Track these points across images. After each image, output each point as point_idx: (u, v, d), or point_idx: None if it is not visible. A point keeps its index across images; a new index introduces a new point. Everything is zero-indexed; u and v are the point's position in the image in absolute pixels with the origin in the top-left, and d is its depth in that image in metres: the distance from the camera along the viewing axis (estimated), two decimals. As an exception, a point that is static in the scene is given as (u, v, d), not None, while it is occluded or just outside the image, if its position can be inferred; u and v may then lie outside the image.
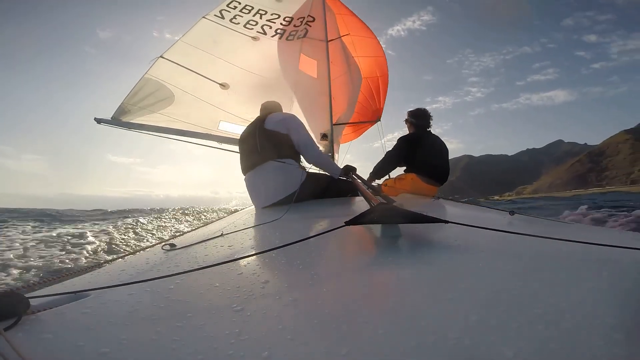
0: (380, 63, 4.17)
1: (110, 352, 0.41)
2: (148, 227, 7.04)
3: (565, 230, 1.17)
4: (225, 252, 0.98)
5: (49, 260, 3.63)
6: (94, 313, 0.56)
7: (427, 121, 3.11)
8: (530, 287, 0.55)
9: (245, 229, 1.33)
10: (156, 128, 3.32)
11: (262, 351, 0.39)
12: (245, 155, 2.27)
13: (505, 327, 0.41)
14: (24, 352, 0.40)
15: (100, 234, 5.66)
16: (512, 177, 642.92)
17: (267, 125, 2.17)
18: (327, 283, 0.64)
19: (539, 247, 0.77)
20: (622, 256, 0.68)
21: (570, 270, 0.63)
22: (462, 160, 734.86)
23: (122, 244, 5.10)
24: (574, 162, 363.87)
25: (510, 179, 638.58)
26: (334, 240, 0.94)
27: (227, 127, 3.54)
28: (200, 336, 0.44)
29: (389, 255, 0.77)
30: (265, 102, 2.56)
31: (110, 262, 1.03)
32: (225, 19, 3.47)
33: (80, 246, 4.44)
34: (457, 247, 0.80)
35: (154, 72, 3.30)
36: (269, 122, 2.18)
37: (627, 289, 0.53)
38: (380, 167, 3.15)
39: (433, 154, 2.97)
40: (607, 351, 0.36)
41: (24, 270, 3.04)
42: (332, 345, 0.40)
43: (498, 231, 0.83)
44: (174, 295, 0.61)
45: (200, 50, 3.42)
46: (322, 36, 3.65)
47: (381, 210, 0.94)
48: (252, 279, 0.67)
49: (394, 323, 0.45)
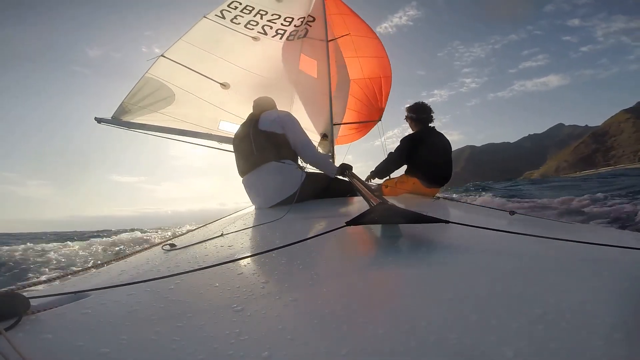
0: (383, 64, 4.18)
1: (110, 352, 0.41)
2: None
3: (565, 230, 1.17)
4: (225, 252, 0.98)
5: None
6: (94, 313, 0.56)
7: (428, 114, 3.02)
8: (531, 287, 0.54)
9: (245, 229, 1.33)
10: (156, 127, 3.32)
11: (262, 351, 0.39)
12: (242, 157, 2.21)
13: (506, 327, 0.41)
14: (24, 352, 0.40)
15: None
16: (517, 164, 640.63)
17: (262, 126, 2.10)
18: (327, 283, 0.64)
19: (539, 247, 0.77)
20: (622, 256, 0.68)
21: (570, 270, 0.63)
22: (465, 151, 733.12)
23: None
24: (578, 144, 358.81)
25: (516, 166, 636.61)
26: (335, 241, 0.94)
27: (228, 126, 3.54)
28: (200, 336, 0.44)
29: (389, 256, 0.77)
30: (257, 99, 2.43)
31: (110, 262, 1.03)
32: (226, 19, 3.47)
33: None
34: (458, 247, 0.80)
35: (154, 71, 3.29)
36: (263, 122, 2.12)
37: (627, 289, 0.53)
38: (383, 168, 3.11)
39: (436, 152, 2.90)
40: (607, 351, 0.36)
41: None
42: (332, 345, 0.40)
43: (498, 231, 0.83)
44: (174, 295, 0.61)
45: (201, 49, 3.42)
46: (322, 36, 3.65)
47: (382, 210, 0.94)
48: (252, 279, 0.67)
49: (394, 323, 0.45)
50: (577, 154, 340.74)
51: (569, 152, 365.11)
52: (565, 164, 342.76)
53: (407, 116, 3.10)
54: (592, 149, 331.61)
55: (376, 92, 4.22)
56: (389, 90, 4.22)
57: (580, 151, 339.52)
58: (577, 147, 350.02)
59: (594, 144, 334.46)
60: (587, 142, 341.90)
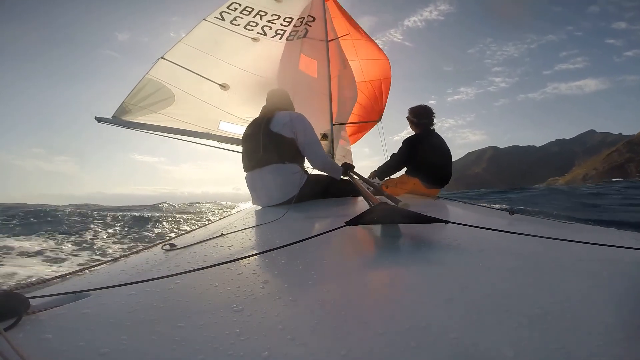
0: (383, 66, 4.22)
1: (110, 352, 0.41)
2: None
3: (565, 230, 1.17)
4: (225, 252, 0.98)
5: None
6: (94, 313, 0.56)
7: (430, 119, 3.03)
8: (530, 287, 0.54)
9: (245, 229, 1.33)
10: (157, 127, 3.33)
11: (262, 351, 0.39)
12: (248, 153, 2.22)
13: (506, 327, 0.41)
14: (24, 352, 0.40)
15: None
16: (541, 168, 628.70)
17: (273, 127, 2.09)
18: (327, 283, 0.64)
19: (539, 247, 0.77)
20: (622, 256, 0.68)
21: (570, 270, 0.63)
22: (487, 151, 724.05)
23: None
24: (610, 152, 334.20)
25: (540, 170, 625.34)
26: (335, 241, 0.94)
27: (228, 127, 3.54)
28: (200, 336, 0.44)
29: (389, 255, 0.77)
30: (272, 92, 2.35)
31: (110, 262, 1.03)
32: (225, 20, 3.48)
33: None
34: (458, 247, 0.80)
35: (154, 73, 3.30)
36: (275, 124, 2.10)
37: (627, 289, 0.53)
38: (385, 169, 3.13)
39: (436, 154, 2.92)
40: (607, 351, 0.36)
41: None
42: (332, 345, 0.40)
43: (498, 231, 0.83)
44: (174, 295, 0.61)
45: (200, 51, 3.42)
46: (322, 36, 3.66)
47: (382, 210, 0.94)
48: (252, 279, 0.67)
49: (394, 323, 0.45)
50: (609, 163, 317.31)
51: (600, 160, 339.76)
52: (594, 172, 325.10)
53: (408, 118, 3.13)
54: (625, 158, 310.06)
55: (376, 94, 4.29)
56: (388, 91, 4.29)
57: (612, 159, 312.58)
58: (610, 155, 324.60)
59: (628, 152, 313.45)
60: (620, 151, 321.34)
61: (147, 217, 8.62)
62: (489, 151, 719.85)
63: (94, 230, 6.14)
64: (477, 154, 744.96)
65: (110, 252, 4.39)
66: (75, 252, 4.31)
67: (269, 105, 2.30)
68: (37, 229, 5.86)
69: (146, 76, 3.29)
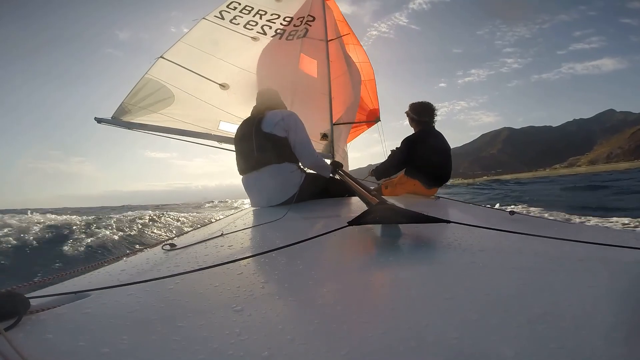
0: (367, 69, 4.36)
1: (110, 352, 0.41)
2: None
3: (565, 230, 1.17)
4: (225, 252, 0.98)
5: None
6: (94, 313, 0.56)
7: (431, 117, 2.97)
8: (531, 287, 0.55)
9: (245, 229, 1.33)
10: (157, 128, 3.32)
11: (262, 351, 0.39)
12: (242, 156, 2.19)
13: (506, 326, 0.41)
14: (24, 352, 0.40)
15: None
16: (561, 148, 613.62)
17: (265, 128, 2.06)
18: (327, 283, 0.64)
19: (539, 247, 0.77)
20: (622, 256, 0.68)
21: (570, 270, 0.63)
22: (502, 132, 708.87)
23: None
24: (635, 131, 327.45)
25: (559, 150, 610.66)
26: (335, 241, 0.94)
27: (228, 127, 3.54)
28: (200, 336, 0.44)
29: (389, 256, 0.77)
30: (261, 92, 2.32)
31: (110, 262, 1.03)
32: (225, 19, 3.47)
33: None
34: (458, 247, 0.80)
35: (154, 73, 3.29)
36: (266, 124, 2.08)
37: (627, 289, 0.53)
38: (384, 169, 3.11)
39: (436, 153, 2.88)
40: (607, 351, 0.36)
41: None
42: (332, 345, 0.40)
43: (499, 231, 0.83)
44: (174, 295, 0.61)
45: (200, 50, 3.42)
46: (322, 36, 3.66)
47: (383, 210, 0.94)
48: (252, 279, 0.67)
49: (394, 323, 0.45)
50: (635, 141, 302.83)
51: (625, 138, 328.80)
52: (620, 150, 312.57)
53: (408, 115, 3.05)
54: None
55: (370, 94, 4.41)
56: (375, 92, 4.50)
57: (638, 137, 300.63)
58: (635, 133, 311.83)
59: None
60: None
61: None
62: (504, 132, 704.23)
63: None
64: (492, 135, 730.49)
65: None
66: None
67: (259, 106, 2.28)
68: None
69: (145, 76, 3.28)
